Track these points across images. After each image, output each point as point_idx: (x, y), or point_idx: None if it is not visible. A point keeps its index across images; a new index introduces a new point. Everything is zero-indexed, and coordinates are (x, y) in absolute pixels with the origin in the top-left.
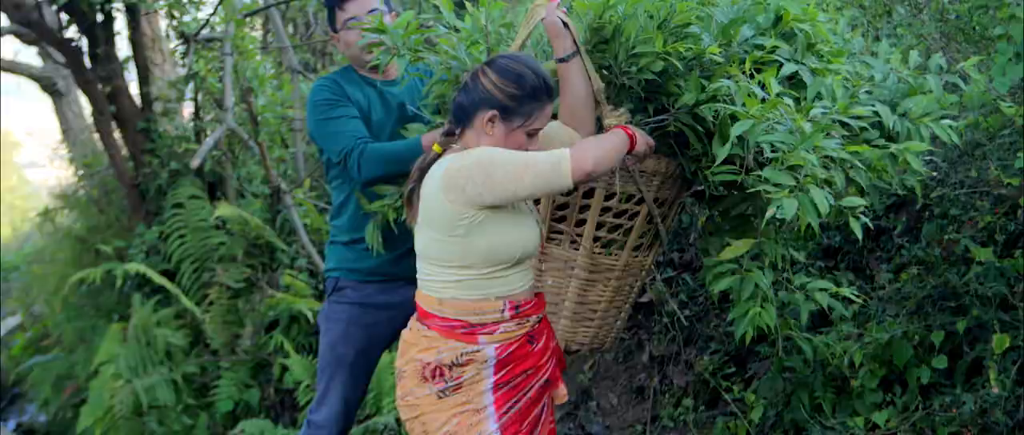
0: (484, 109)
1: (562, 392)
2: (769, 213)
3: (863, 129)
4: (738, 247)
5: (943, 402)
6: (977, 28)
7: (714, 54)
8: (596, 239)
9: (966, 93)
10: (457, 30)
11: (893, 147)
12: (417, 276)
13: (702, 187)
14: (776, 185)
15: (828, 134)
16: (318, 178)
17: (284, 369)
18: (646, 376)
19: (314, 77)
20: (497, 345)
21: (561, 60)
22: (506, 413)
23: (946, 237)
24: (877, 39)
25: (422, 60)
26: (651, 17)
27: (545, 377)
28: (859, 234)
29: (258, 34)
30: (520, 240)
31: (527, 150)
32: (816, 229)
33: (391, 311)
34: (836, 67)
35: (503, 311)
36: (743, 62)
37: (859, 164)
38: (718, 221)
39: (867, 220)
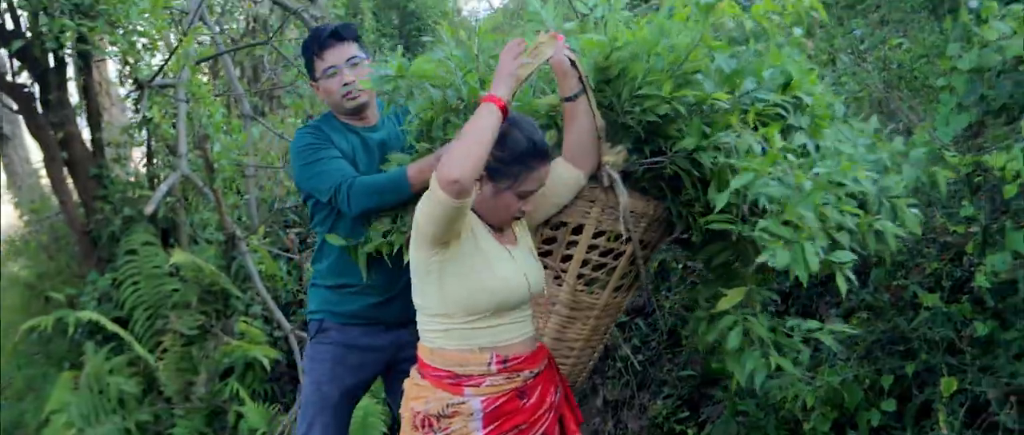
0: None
1: None
2: (760, 259)
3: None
4: (733, 296)
5: None
6: (919, 77)
7: (720, 100)
8: (580, 276)
9: (910, 142)
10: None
11: (878, 223)
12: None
13: (684, 234)
14: (771, 234)
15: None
16: (272, 224)
17: (239, 417)
18: (601, 421)
19: (264, 122)
20: (483, 398)
21: (567, 99)
22: None
23: (895, 283)
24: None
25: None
26: (658, 57)
27: (541, 433)
28: (843, 289)
29: (205, 79)
30: (496, 287)
31: (520, 211)
32: (804, 280)
33: (375, 354)
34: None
35: (490, 364)
36: (746, 112)
37: (852, 228)
38: (703, 272)
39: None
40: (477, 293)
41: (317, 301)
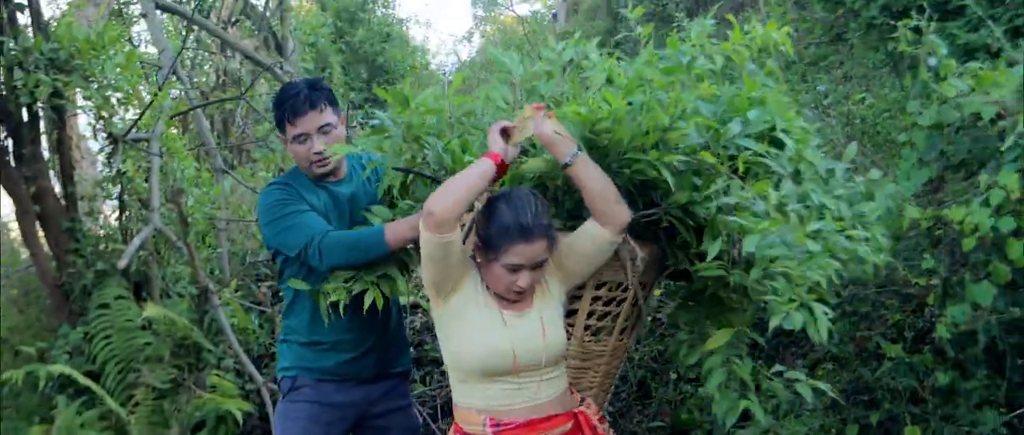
0: (475, 235)
1: None
2: (775, 323)
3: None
4: (720, 337)
5: None
6: (881, 132)
7: (707, 159)
8: (586, 328)
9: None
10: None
11: (860, 249)
12: None
13: (675, 267)
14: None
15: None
16: (243, 278)
17: None
18: None
19: (235, 175)
20: None
21: (565, 166)
22: None
23: (859, 334)
24: None
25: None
26: (642, 126)
27: None
28: (822, 338)
29: (177, 133)
30: (480, 353)
31: (514, 286)
32: (824, 341)
33: (347, 410)
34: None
35: (484, 426)
36: (733, 158)
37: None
38: (687, 302)
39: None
40: (464, 354)
41: (290, 357)
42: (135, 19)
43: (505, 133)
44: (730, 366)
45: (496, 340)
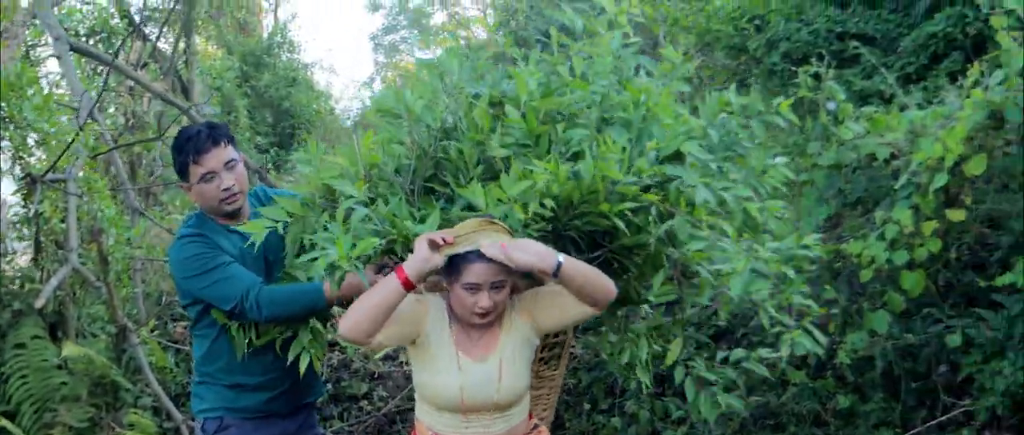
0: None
1: None
2: (785, 352)
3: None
4: (674, 350)
5: None
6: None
7: (652, 199)
8: (541, 359)
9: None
10: None
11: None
12: None
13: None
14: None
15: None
16: (160, 317)
17: None
18: None
19: (150, 216)
20: None
21: (555, 276)
22: None
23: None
24: None
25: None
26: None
27: None
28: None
29: (96, 172)
30: (434, 389)
31: (475, 307)
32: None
33: None
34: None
35: None
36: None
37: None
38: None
39: None
40: (420, 383)
41: (212, 399)
42: (43, 61)
43: (433, 243)
44: (691, 369)
45: (446, 382)
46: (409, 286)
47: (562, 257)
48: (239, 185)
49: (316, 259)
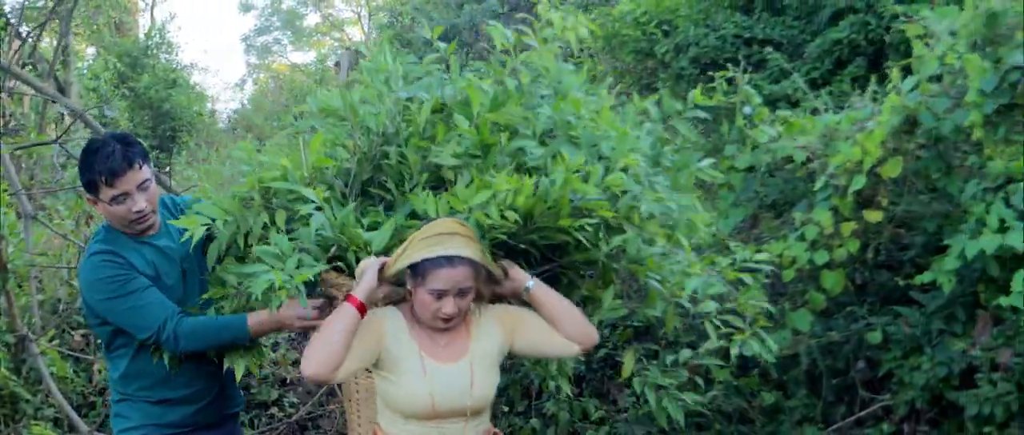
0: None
1: None
2: (735, 351)
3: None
4: (628, 362)
5: None
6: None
7: (607, 215)
8: None
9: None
10: None
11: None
12: None
13: None
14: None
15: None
16: (58, 325)
17: None
18: None
19: (45, 222)
20: None
21: (526, 290)
22: None
23: (690, 361)
24: None
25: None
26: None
27: None
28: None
29: None
30: (401, 397)
31: (439, 313)
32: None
33: None
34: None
35: None
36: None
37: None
38: None
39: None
40: (385, 394)
41: (136, 417)
42: None
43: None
44: (647, 376)
45: (414, 388)
46: (363, 310)
47: (535, 281)
48: (151, 205)
49: (256, 276)
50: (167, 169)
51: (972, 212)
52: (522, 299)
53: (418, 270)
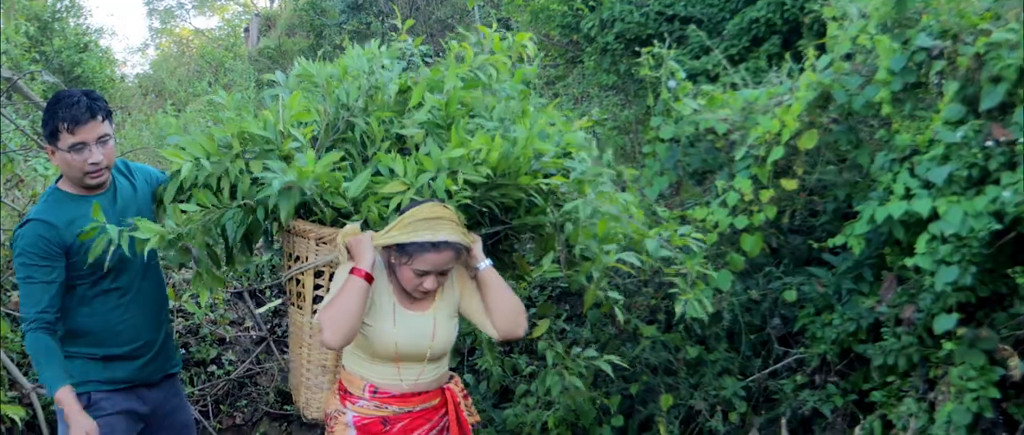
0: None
1: None
2: (680, 310)
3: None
4: (541, 326)
5: None
6: (617, 146)
7: (563, 182)
8: None
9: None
10: None
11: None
12: None
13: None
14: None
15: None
16: None
17: None
18: None
19: None
20: (354, 415)
21: (475, 271)
22: None
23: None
24: None
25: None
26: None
27: None
28: (621, 318)
29: None
30: (371, 338)
31: (420, 288)
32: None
33: (138, 415)
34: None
35: (363, 390)
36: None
37: None
38: None
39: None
40: (364, 336)
41: (79, 373)
42: None
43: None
44: (553, 349)
45: (386, 334)
46: (370, 279)
47: (487, 263)
48: (107, 161)
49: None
50: None
51: (881, 181)
52: (470, 273)
53: (405, 250)
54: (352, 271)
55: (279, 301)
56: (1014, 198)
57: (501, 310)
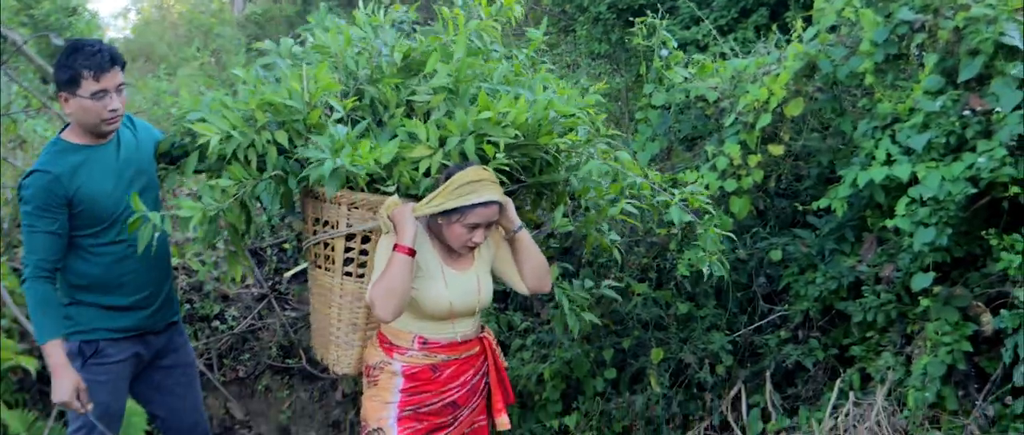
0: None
1: (503, 421)
2: (706, 272)
3: None
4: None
5: (618, 403)
6: (610, 113)
7: (575, 141)
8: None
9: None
10: None
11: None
12: None
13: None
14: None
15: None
16: (8, 243)
17: None
18: (341, 411)
19: None
20: (404, 364)
21: (514, 234)
22: (406, 414)
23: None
24: None
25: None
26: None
27: (453, 400)
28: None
29: None
30: (425, 298)
31: (470, 242)
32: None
33: (142, 360)
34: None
35: (412, 342)
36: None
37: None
38: None
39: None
40: (414, 298)
41: (88, 321)
42: None
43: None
44: (562, 288)
45: (438, 295)
46: (413, 253)
47: (522, 225)
48: (123, 109)
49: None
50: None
51: (863, 147)
52: (506, 235)
53: (458, 209)
54: (396, 248)
55: (303, 266)
56: (989, 164)
57: (533, 269)
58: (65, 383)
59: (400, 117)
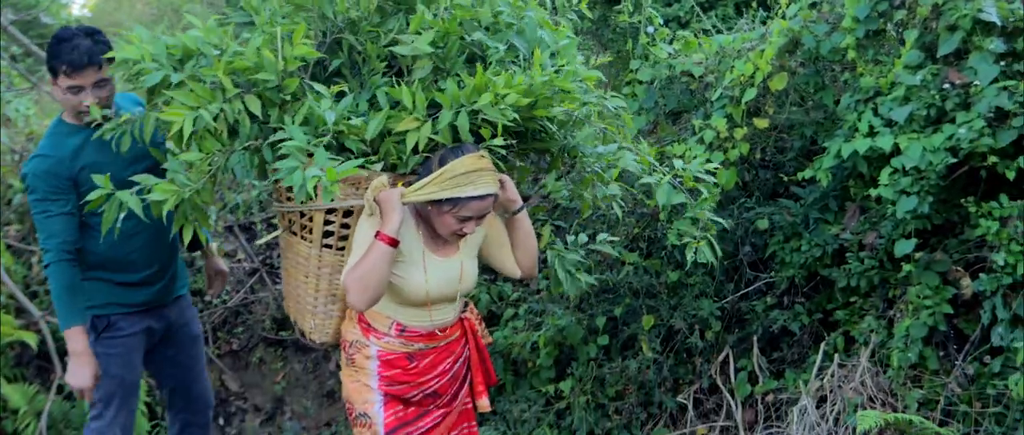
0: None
1: (484, 403)
2: (690, 257)
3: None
4: (545, 235)
5: (611, 369)
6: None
7: (573, 109)
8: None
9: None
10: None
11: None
12: None
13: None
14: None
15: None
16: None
17: None
18: (335, 381)
19: None
20: (379, 349)
21: (514, 213)
22: (390, 398)
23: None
24: None
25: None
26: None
27: (433, 391)
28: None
29: None
30: (402, 285)
31: (461, 231)
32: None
33: (153, 334)
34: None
35: (389, 329)
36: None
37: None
38: None
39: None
40: (392, 285)
41: (101, 296)
42: None
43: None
44: (555, 250)
45: (415, 280)
46: (396, 244)
47: (523, 205)
48: (103, 104)
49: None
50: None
51: (846, 120)
52: (502, 214)
53: (451, 200)
54: (378, 235)
55: (275, 234)
56: (968, 135)
57: (528, 251)
58: (85, 370)
59: (381, 70)
